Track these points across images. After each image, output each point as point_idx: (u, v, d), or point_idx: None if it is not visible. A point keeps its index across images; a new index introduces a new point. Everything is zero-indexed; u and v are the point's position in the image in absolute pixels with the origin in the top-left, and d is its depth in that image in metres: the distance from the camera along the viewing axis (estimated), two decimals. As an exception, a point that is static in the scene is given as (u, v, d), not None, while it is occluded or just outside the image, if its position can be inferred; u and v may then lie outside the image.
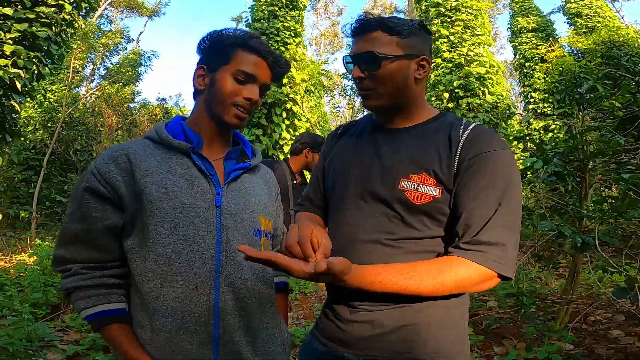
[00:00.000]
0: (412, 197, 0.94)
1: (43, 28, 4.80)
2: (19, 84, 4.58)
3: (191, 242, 0.93)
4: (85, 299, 0.94)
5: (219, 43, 1.05)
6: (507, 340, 3.11)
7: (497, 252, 0.87)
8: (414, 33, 1.01)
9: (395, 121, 1.07)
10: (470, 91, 7.89)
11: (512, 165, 0.94)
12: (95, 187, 0.94)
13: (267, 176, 1.20)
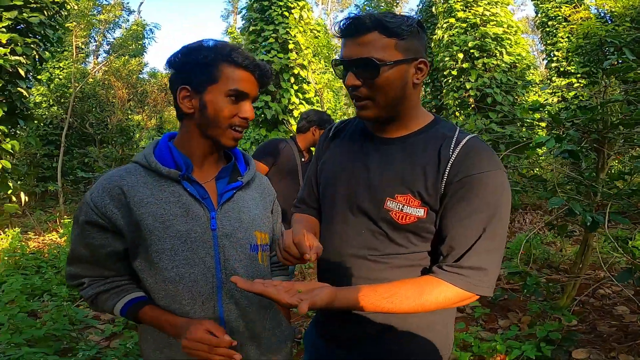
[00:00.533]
0: (396, 217, 0.94)
1: (34, 13, 4.76)
2: (21, 70, 4.62)
3: (192, 264, 0.99)
4: (111, 299, 1.03)
5: (200, 60, 0.98)
6: (512, 314, 3.17)
7: (478, 277, 0.88)
8: (412, 33, 0.93)
9: (386, 130, 1.02)
10: (487, 51, 7.51)
11: (500, 187, 0.90)
12: (94, 220, 0.97)
13: (261, 186, 1.20)
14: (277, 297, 0.80)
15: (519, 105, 6.60)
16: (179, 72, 1.01)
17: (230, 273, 1.02)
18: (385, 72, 0.92)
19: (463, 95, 7.76)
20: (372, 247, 0.97)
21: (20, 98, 4.82)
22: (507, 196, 0.91)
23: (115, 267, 1.04)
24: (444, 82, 8.35)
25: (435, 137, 0.97)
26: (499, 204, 0.89)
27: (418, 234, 0.95)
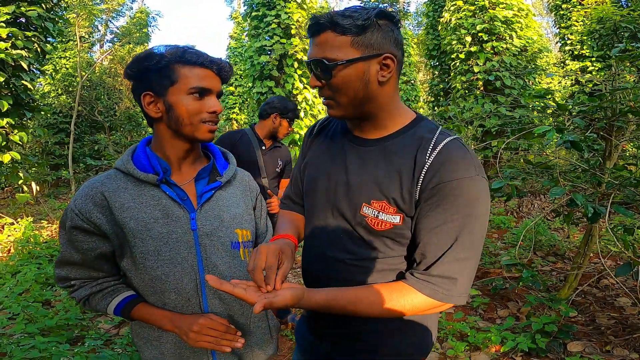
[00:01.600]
0: (372, 223, 0.93)
1: (32, 7, 4.74)
2: (24, 63, 4.64)
3: (176, 264, 1.03)
4: (104, 299, 1.08)
5: (154, 65, 0.99)
6: (512, 303, 3.18)
7: (446, 286, 0.87)
8: (370, 27, 0.87)
9: (364, 130, 1.00)
10: (496, 35, 7.32)
11: (476, 195, 0.87)
12: (80, 225, 1.00)
13: (243, 183, 1.22)
14: (244, 297, 0.82)
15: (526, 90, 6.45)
16: (138, 80, 1.03)
17: (212, 270, 1.06)
18: (340, 71, 0.89)
19: (471, 78, 7.61)
20: (350, 250, 0.98)
21: (25, 90, 4.88)
22: (483, 204, 0.88)
23: (104, 268, 1.08)
24: (452, 65, 8.18)
25: (412, 140, 0.94)
26: (474, 213, 0.86)
27: (394, 240, 0.94)
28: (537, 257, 4.69)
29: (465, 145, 0.92)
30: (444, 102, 9.81)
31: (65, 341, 2.39)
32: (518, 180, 2.88)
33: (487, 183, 0.90)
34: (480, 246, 0.90)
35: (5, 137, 4.69)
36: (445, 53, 8.64)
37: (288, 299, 0.84)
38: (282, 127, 2.60)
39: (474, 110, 5.37)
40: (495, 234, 5.90)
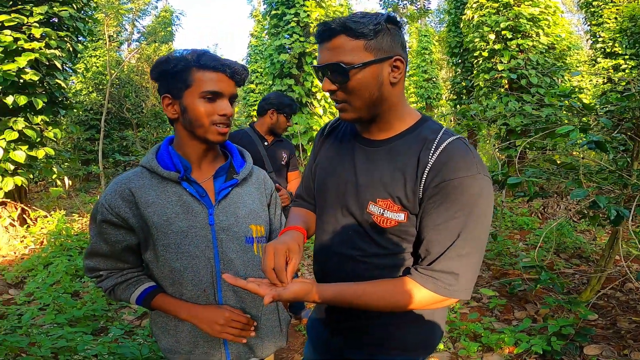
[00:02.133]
0: (378, 221, 0.97)
1: (63, 7, 4.94)
2: (57, 63, 4.86)
3: (194, 256, 1.10)
4: (128, 289, 1.17)
5: (172, 69, 1.07)
6: (531, 305, 3.14)
7: (448, 280, 0.90)
8: (381, 32, 0.92)
9: (371, 132, 1.04)
10: (521, 32, 7.13)
11: (478, 193, 0.89)
12: (109, 219, 1.09)
13: (258, 181, 1.29)
14: (256, 290, 0.89)
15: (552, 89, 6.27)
16: (160, 82, 1.12)
17: (227, 263, 1.14)
18: (356, 74, 0.92)
19: (494, 76, 7.46)
20: (359, 247, 1.02)
21: (59, 89, 5.12)
22: (485, 202, 0.90)
23: (130, 259, 1.17)
24: (475, 63, 8.03)
25: (417, 140, 0.97)
26: (476, 210, 0.89)
27: (400, 237, 0.98)
28: (560, 260, 4.58)
29: (468, 145, 0.95)
30: (466, 100, 9.64)
31: (91, 331, 2.51)
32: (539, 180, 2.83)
33: (490, 181, 0.93)
34: (483, 243, 0.92)
35: (39, 133, 4.94)
36: (467, 51, 8.49)
37: (297, 292, 0.90)
38: (279, 122, 2.64)
39: (497, 109, 5.25)
40: (517, 234, 5.78)
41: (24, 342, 1.84)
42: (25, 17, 4.62)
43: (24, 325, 2.40)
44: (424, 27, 16.68)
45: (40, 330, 2.34)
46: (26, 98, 4.63)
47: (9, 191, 4.77)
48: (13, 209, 5.06)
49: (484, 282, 3.75)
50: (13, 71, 4.42)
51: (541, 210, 6.86)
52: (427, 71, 14.73)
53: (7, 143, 4.61)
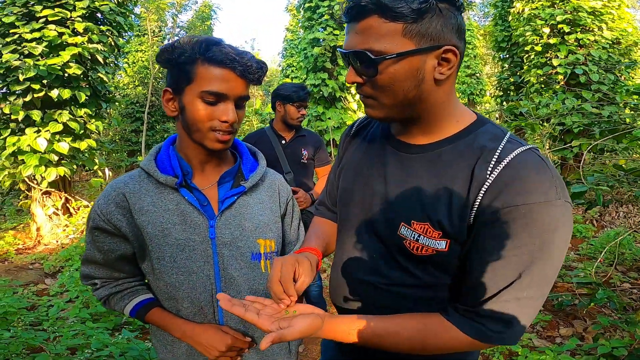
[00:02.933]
0: (410, 247, 0.79)
1: (105, 2, 5.04)
2: (99, 57, 5.01)
3: (191, 272, 0.98)
4: (122, 300, 1.07)
5: (176, 59, 0.91)
6: (579, 322, 2.83)
7: (496, 327, 0.72)
8: (429, 12, 0.70)
9: (410, 134, 0.84)
10: (581, 26, 6.55)
11: (554, 225, 0.68)
12: (102, 226, 0.99)
13: (272, 187, 1.13)
14: (256, 323, 0.75)
15: (620, 87, 5.67)
16: (167, 72, 0.97)
17: (229, 282, 1.01)
18: (389, 67, 0.72)
19: (549, 72, 6.92)
20: (383, 274, 0.85)
21: (101, 82, 5.29)
22: (562, 236, 0.69)
23: (126, 269, 1.07)
24: (525, 58, 7.51)
25: (470, 150, 0.76)
26: (547, 247, 0.68)
27: (437, 267, 0.79)
28: (616, 273, 4.17)
29: (543, 158, 0.73)
30: (514, 96, 9.07)
31: (113, 327, 2.52)
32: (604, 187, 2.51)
33: (570, 209, 0.71)
34: (550, 284, 0.72)
35: (83, 126, 5.13)
36: (517, 45, 7.95)
37: (303, 330, 0.74)
38: (288, 113, 2.45)
39: (552, 107, 4.83)
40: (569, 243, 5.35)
41: (39, 338, 1.84)
42: (69, 12, 4.77)
43: (51, 318, 2.44)
44: (466, 22, 16.02)
45: (64, 325, 2.36)
46: (70, 91, 4.80)
47: (53, 181, 4.99)
48: (57, 198, 5.31)
49: (527, 295, 3.44)
50: (58, 65, 4.60)
51: (597, 217, 6.31)
52: (470, 66, 14.08)
53: (52, 135, 4.81)
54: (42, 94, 4.69)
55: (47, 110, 4.94)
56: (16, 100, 4.70)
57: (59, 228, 5.20)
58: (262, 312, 0.78)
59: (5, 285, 3.06)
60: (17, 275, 3.77)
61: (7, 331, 1.90)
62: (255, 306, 0.80)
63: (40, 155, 4.72)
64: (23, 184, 5.09)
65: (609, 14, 6.60)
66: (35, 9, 4.62)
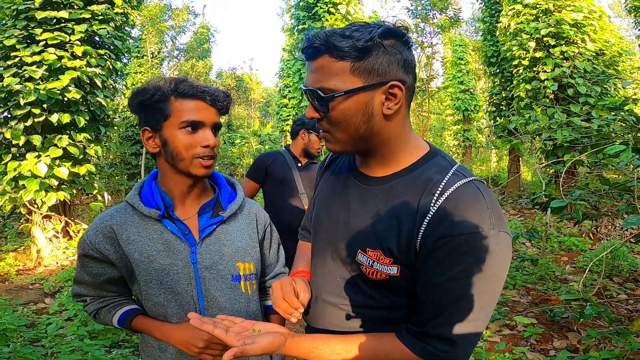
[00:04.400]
0: (367, 272, 0.84)
1: (102, 26, 5.14)
2: (98, 80, 5.13)
3: (176, 293, 1.08)
4: (108, 312, 1.16)
5: (149, 99, 1.01)
6: (573, 334, 2.85)
7: (442, 347, 0.77)
8: (373, 50, 0.75)
9: (369, 166, 0.89)
10: (565, 39, 6.72)
11: (490, 253, 0.72)
12: (90, 254, 1.09)
13: (250, 216, 1.22)
14: (223, 339, 0.81)
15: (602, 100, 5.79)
16: (139, 115, 1.06)
17: (211, 301, 1.10)
18: (339, 104, 0.77)
19: (537, 86, 7.05)
20: (345, 296, 0.90)
21: (99, 107, 5.40)
22: (498, 264, 0.73)
23: (113, 289, 1.17)
24: (514, 72, 7.66)
25: (419, 182, 0.80)
26: (484, 274, 0.72)
27: (392, 289, 0.84)
28: (613, 284, 4.19)
29: (482, 190, 0.77)
30: (506, 111, 9.20)
31: (110, 344, 2.55)
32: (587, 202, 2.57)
33: (508, 238, 0.75)
34: (490, 308, 0.77)
35: (82, 150, 5.22)
36: (505, 60, 8.12)
37: (265, 347, 0.80)
38: (312, 142, 2.58)
39: (540, 122, 4.92)
40: (564, 256, 5.37)
41: (37, 354, 1.88)
42: (68, 35, 4.87)
43: (49, 335, 2.48)
44: (458, 37, 16.34)
45: (62, 342, 2.39)
46: (69, 116, 4.91)
47: (53, 205, 5.05)
48: (57, 222, 5.36)
49: (520, 309, 3.45)
50: (57, 89, 4.71)
51: (593, 230, 6.33)
52: (463, 82, 14.29)
53: (52, 160, 4.90)
54: (42, 118, 4.79)
55: (47, 134, 5.05)
56: (17, 125, 4.79)
57: (59, 250, 5.25)
58: (230, 329, 0.84)
59: (5, 303, 3.10)
60: (17, 295, 3.82)
61: (7, 346, 1.95)
62: (226, 323, 0.86)
63: (40, 180, 4.79)
64: (24, 208, 5.15)
65: (591, 25, 6.75)
66: (35, 31, 4.72)
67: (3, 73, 4.62)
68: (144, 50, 12.72)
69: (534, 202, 2.67)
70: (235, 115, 15.34)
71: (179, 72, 13.40)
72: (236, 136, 13.74)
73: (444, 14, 17.66)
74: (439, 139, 19.31)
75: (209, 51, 16.86)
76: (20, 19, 4.79)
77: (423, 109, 20.59)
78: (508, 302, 3.62)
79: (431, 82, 18.69)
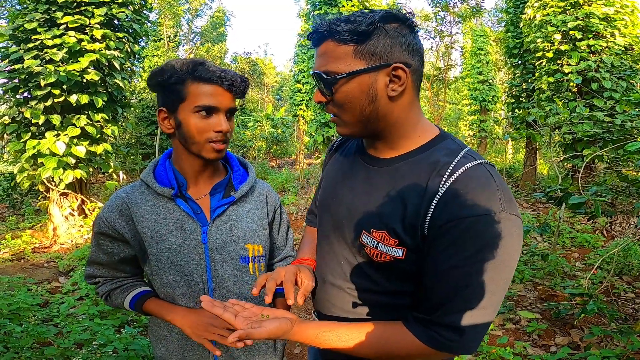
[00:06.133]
0: (371, 253, 0.83)
1: (121, 9, 5.22)
2: (116, 63, 5.21)
3: (186, 273, 1.09)
4: (121, 294, 1.18)
5: (166, 81, 1.02)
6: (576, 331, 2.84)
7: (449, 336, 0.75)
8: (375, 33, 0.77)
9: (377, 148, 0.89)
10: (593, 32, 6.49)
11: (499, 236, 0.70)
12: (106, 232, 1.10)
13: (260, 197, 1.23)
14: (232, 322, 0.83)
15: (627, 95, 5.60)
16: (158, 94, 1.08)
17: (219, 282, 1.11)
18: (342, 86, 0.79)
19: (560, 79, 6.87)
20: (351, 280, 0.90)
21: (117, 88, 5.49)
22: (509, 248, 0.72)
23: (126, 269, 1.19)
24: (537, 64, 7.46)
25: (426, 164, 0.80)
26: (494, 258, 0.71)
27: (396, 273, 0.83)
28: (621, 282, 4.14)
29: (492, 173, 0.76)
30: (526, 103, 8.99)
31: (119, 324, 2.62)
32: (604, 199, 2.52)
33: (519, 221, 0.73)
34: (500, 296, 0.75)
35: (99, 130, 5.33)
36: (528, 52, 7.90)
37: (272, 331, 0.80)
38: None
39: (561, 115, 4.81)
40: (575, 253, 5.31)
41: (49, 333, 1.96)
42: (88, 19, 4.97)
43: (61, 315, 2.57)
44: (479, 27, 15.91)
45: (74, 321, 2.48)
46: (88, 97, 5.01)
47: (70, 183, 5.19)
48: (73, 200, 5.52)
49: (526, 304, 3.45)
50: (77, 71, 4.80)
51: (607, 227, 6.22)
52: (482, 72, 13.97)
53: (70, 139, 5.02)
54: (61, 99, 4.90)
55: (66, 114, 5.16)
56: (37, 105, 4.91)
57: (74, 228, 5.41)
58: (240, 314, 0.85)
59: (20, 282, 3.20)
60: (32, 273, 3.94)
61: (19, 326, 2.03)
62: (236, 308, 0.87)
63: (58, 159, 4.92)
64: (42, 185, 5.31)
65: (622, 20, 6.52)
66: (56, 15, 4.82)
67: (24, 55, 4.72)
68: (161, 34, 12.75)
69: (548, 196, 2.63)
70: (249, 99, 15.40)
71: (194, 55, 13.43)
72: (249, 119, 13.78)
73: (466, 3, 17.21)
74: (454, 128, 19.02)
75: (224, 35, 16.74)
76: (41, 2, 4.87)
77: (439, 98, 20.25)
78: (514, 296, 3.62)
79: (448, 71, 18.33)
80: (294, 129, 17.71)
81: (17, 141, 5.02)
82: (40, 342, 2.05)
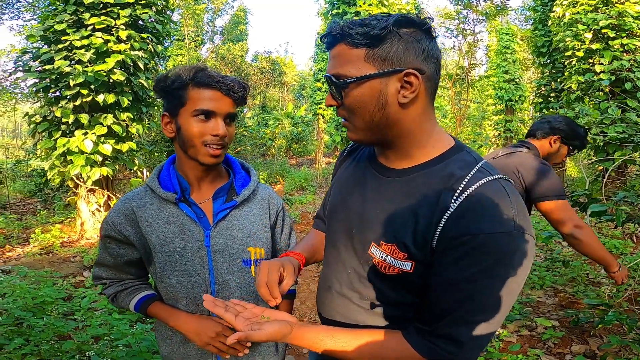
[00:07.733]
0: (379, 266, 0.82)
1: (145, 10, 5.39)
2: (140, 63, 5.37)
3: (189, 275, 1.12)
4: (127, 296, 1.23)
5: (168, 87, 1.06)
6: (595, 340, 2.74)
7: (449, 348, 0.74)
8: (388, 38, 0.75)
9: (389, 157, 0.87)
10: (626, 31, 6.22)
11: (509, 255, 0.69)
12: (112, 235, 1.15)
13: (262, 201, 1.25)
14: (232, 323, 0.85)
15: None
16: (162, 100, 1.12)
17: (222, 284, 1.14)
18: (352, 90, 0.78)
19: (591, 79, 6.62)
20: (357, 290, 0.89)
21: (142, 88, 5.68)
22: (517, 266, 0.70)
23: (132, 271, 1.23)
24: (567, 63, 7.20)
25: (440, 177, 0.77)
26: (502, 276, 0.69)
27: (404, 286, 0.82)
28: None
29: (508, 189, 0.74)
30: (554, 103, 8.70)
31: (136, 319, 2.69)
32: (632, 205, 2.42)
33: (532, 241, 0.72)
34: (505, 311, 0.73)
35: (125, 129, 5.52)
36: (557, 50, 7.64)
37: (270, 334, 0.81)
38: (560, 153, 2.11)
39: (592, 116, 4.63)
40: (602, 259, 5.10)
41: (69, 327, 2.05)
42: (113, 20, 5.14)
43: (82, 308, 2.68)
44: (505, 25, 15.45)
45: (93, 315, 2.58)
46: (114, 96, 5.19)
47: (97, 179, 5.40)
48: (100, 196, 5.73)
49: (544, 310, 3.36)
50: (104, 72, 4.98)
51: (638, 232, 5.96)
52: (509, 71, 13.58)
53: (97, 137, 5.22)
54: (89, 98, 5.10)
55: (93, 113, 5.36)
56: (67, 104, 5.13)
57: (99, 223, 5.62)
58: (241, 314, 0.87)
59: (47, 276, 3.36)
60: (58, 267, 4.11)
61: (42, 319, 2.13)
62: (237, 308, 0.90)
63: (86, 156, 5.13)
64: (71, 182, 5.55)
65: (658, 18, 6.23)
66: (84, 16, 5.00)
67: (54, 56, 4.92)
68: (183, 33, 13.00)
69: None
70: (270, 97, 15.49)
71: (216, 54, 13.62)
72: (270, 117, 13.86)
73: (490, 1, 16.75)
74: (478, 128, 18.58)
75: (245, 34, 16.87)
76: (70, 4, 5.06)
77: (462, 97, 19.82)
78: (532, 303, 3.52)
79: (472, 70, 17.89)
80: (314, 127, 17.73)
81: (48, 139, 5.26)
82: (59, 335, 2.14)
